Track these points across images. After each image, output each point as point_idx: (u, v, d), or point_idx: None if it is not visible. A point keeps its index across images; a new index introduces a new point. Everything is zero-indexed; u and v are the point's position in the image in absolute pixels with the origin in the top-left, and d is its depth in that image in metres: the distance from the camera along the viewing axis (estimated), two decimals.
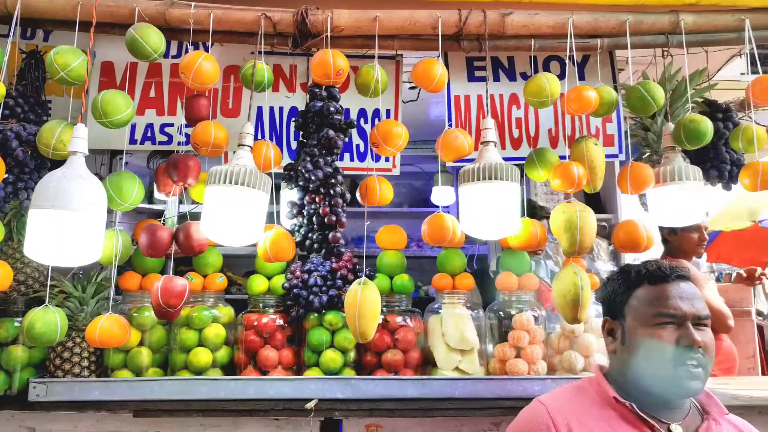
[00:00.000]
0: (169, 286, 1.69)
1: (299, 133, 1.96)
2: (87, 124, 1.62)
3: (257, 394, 1.83)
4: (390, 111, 2.28)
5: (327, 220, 1.84)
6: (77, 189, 1.50)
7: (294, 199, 1.94)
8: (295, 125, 1.93)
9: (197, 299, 2.07)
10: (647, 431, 1.24)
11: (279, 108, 2.28)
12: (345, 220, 1.87)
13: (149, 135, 2.21)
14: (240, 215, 1.70)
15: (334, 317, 1.99)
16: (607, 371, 1.39)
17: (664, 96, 1.93)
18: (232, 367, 2.03)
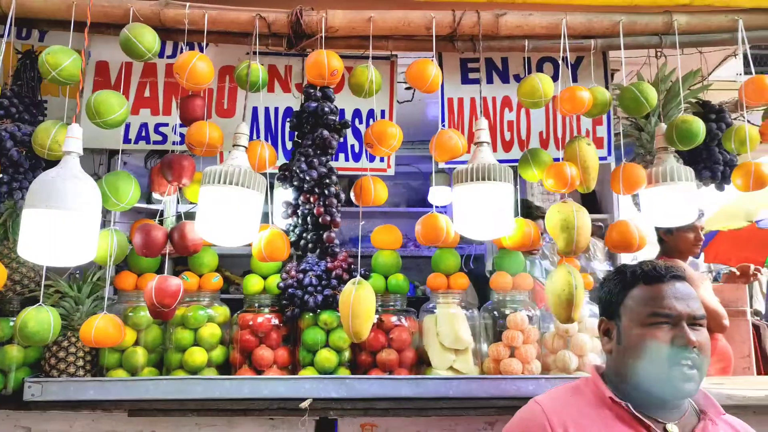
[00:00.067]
0: (163, 285, 1.70)
1: (294, 134, 1.97)
2: (81, 123, 1.62)
3: (252, 393, 1.83)
4: (385, 111, 2.29)
5: (321, 220, 1.85)
6: (71, 189, 1.51)
7: (288, 199, 1.95)
8: (290, 125, 1.94)
9: (192, 299, 2.07)
10: (643, 431, 1.24)
11: (274, 108, 2.29)
12: (339, 220, 1.88)
13: (144, 134, 2.22)
14: (235, 215, 1.70)
15: (329, 317, 2.00)
16: (604, 371, 1.40)
17: (657, 97, 1.94)
18: (227, 367, 2.04)
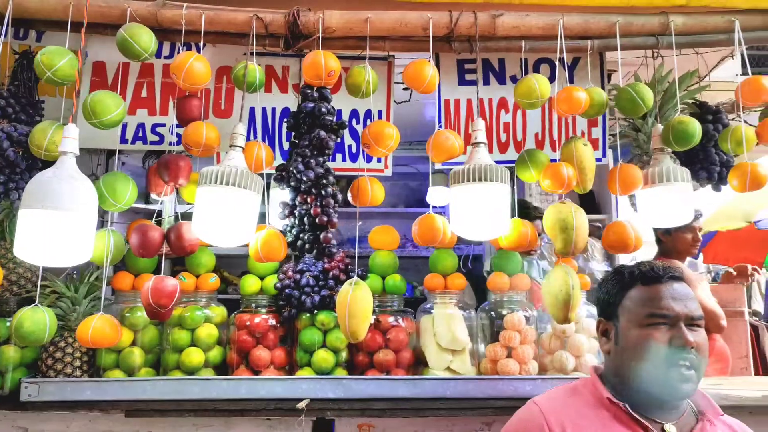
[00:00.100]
0: (160, 286, 1.69)
1: (291, 134, 1.97)
2: (78, 124, 1.62)
3: (249, 393, 1.83)
4: (382, 112, 2.29)
5: (318, 220, 1.85)
6: (67, 189, 1.51)
7: (285, 200, 1.95)
8: (287, 126, 1.93)
9: (190, 299, 2.07)
10: None
11: (271, 109, 2.29)
12: (336, 220, 1.87)
13: (141, 135, 2.22)
14: (231, 216, 1.70)
15: (326, 317, 2.00)
16: (602, 372, 1.40)
17: (653, 97, 1.94)
18: (224, 367, 2.04)
